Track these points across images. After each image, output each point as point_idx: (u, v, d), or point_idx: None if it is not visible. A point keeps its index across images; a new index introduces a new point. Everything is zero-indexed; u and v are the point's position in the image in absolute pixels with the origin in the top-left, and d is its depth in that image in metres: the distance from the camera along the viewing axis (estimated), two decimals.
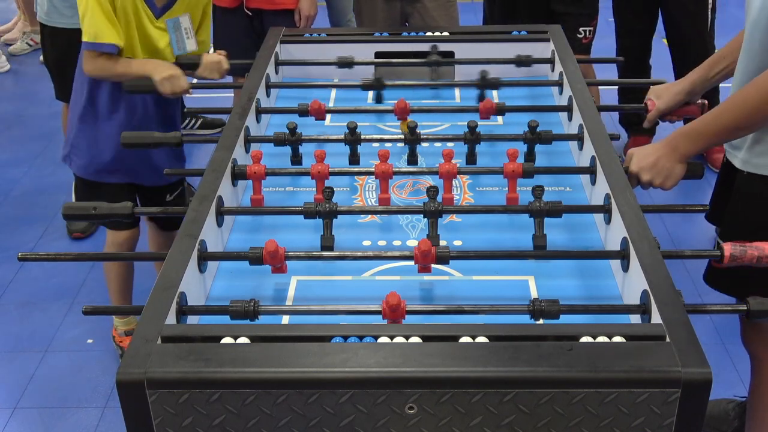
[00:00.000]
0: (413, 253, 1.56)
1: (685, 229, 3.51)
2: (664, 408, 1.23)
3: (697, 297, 3.03)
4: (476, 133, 2.01)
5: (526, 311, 1.45)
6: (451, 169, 1.85)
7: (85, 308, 1.61)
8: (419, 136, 2.02)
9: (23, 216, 3.78)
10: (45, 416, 2.65)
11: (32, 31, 5.63)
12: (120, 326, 2.89)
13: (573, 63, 2.35)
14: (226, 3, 3.42)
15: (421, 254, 1.54)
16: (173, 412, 1.25)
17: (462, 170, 1.91)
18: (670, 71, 3.99)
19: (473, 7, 4.15)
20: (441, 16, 3.45)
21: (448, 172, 1.85)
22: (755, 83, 1.74)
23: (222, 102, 4.38)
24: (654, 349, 1.26)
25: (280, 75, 2.54)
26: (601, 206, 1.74)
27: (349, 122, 2.02)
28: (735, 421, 2.47)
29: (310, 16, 3.42)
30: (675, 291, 1.41)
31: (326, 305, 1.53)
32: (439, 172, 1.86)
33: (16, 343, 2.98)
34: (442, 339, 1.30)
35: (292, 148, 2.05)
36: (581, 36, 3.47)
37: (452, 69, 2.55)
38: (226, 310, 1.46)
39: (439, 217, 1.72)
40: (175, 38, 2.50)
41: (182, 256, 1.51)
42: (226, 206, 1.77)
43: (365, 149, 2.07)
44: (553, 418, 1.25)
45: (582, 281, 1.64)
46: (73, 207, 1.80)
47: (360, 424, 1.26)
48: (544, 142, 2.02)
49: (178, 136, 2.08)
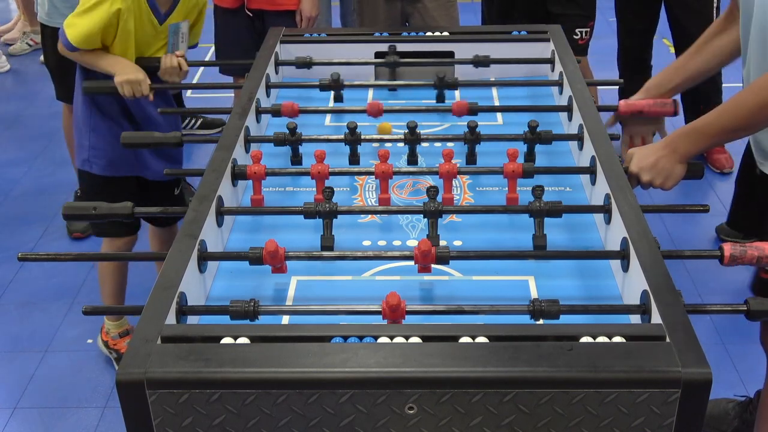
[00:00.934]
0: (413, 253, 1.56)
1: (685, 229, 3.51)
2: (664, 408, 1.23)
3: (697, 297, 3.04)
4: (476, 133, 2.01)
5: (526, 311, 1.45)
6: (451, 169, 1.85)
7: (85, 308, 1.61)
8: (419, 136, 2.02)
9: (23, 216, 3.78)
10: (45, 416, 2.65)
11: (32, 31, 5.63)
12: (113, 329, 2.88)
13: (573, 63, 2.35)
14: (228, 3, 3.42)
15: (421, 254, 1.54)
16: (173, 412, 1.25)
17: (462, 170, 1.91)
18: None
19: (473, 7, 4.15)
20: (441, 16, 3.46)
21: (448, 172, 1.85)
22: (754, 85, 1.74)
23: (222, 102, 4.39)
24: (654, 349, 1.26)
25: (280, 75, 2.54)
26: (601, 206, 1.74)
27: (349, 122, 2.02)
28: (735, 421, 2.47)
29: (311, 17, 3.42)
30: (675, 291, 1.41)
31: (326, 305, 1.53)
32: (439, 171, 1.86)
33: (16, 343, 2.98)
34: (442, 339, 1.30)
35: (292, 148, 2.05)
36: (577, 37, 3.47)
37: (452, 69, 2.55)
38: (226, 310, 1.46)
39: (439, 218, 1.72)
40: (172, 42, 2.55)
41: (182, 256, 1.51)
42: (226, 206, 1.77)
43: (364, 149, 2.07)
44: (553, 418, 1.25)
45: (582, 281, 1.64)
46: (74, 207, 1.80)
47: (360, 424, 1.26)
48: (544, 142, 2.02)
49: (178, 136, 2.08)
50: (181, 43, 2.57)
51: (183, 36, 2.57)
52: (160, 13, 2.49)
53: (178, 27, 2.55)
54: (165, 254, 1.53)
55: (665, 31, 3.98)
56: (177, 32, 2.54)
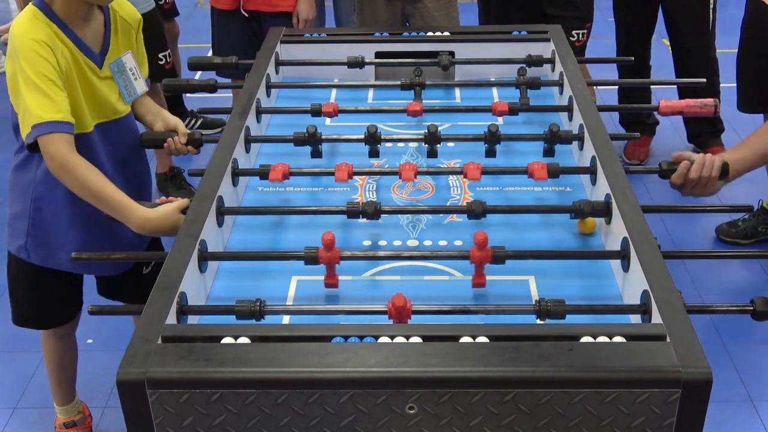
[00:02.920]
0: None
1: (685, 229, 3.51)
2: (664, 408, 1.23)
3: (697, 297, 3.04)
4: (496, 133, 2.00)
5: (532, 311, 1.45)
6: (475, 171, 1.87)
7: (90, 308, 1.61)
8: (440, 136, 2.01)
9: None
10: (45, 416, 2.65)
11: None
12: (61, 416, 2.54)
13: (573, 63, 2.35)
14: (224, 5, 3.43)
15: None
16: (173, 412, 1.25)
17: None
18: (671, 71, 3.99)
19: (473, 7, 4.15)
20: (442, 16, 3.46)
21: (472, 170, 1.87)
22: None
23: (222, 102, 4.38)
24: (654, 349, 1.26)
25: (280, 75, 2.54)
26: (603, 206, 1.74)
27: (370, 125, 2.01)
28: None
29: (308, 19, 3.42)
30: (675, 291, 1.41)
31: (331, 306, 1.54)
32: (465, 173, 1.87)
33: (16, 343, 2.97)
34: (443, 339, 1.30)
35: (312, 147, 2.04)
36: (574, 39, 3.48)
37: (453, 69, 2.56)
38: (231, 310, 1.46)
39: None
40: (123, 84, 2.08)
41: (182, 256, 1.52)
42: (226, 206, 1.77)
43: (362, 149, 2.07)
44: (553, 418, 1.25)
45: (582, 281, 1.64)
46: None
47: (360, 424, 1.26)
48: (564, 142, 2.02)
49: (198, 135, 2.07)
50: (135, 81, 2.11)
51: (133, 71, 2.11)
52: (95, 55, 2.00)
53: (121, 64, 2.07)
54: (165, 254, 1.53)
55: (665, 31, 3.98)
56: (123, 71, 2.08)
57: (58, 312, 2.31)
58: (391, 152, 2.11)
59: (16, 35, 1.89)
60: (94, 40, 2.01)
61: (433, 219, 1.85)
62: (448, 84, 2.52)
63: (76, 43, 1.96)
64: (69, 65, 1.94)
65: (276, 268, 1.67)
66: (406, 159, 2.09)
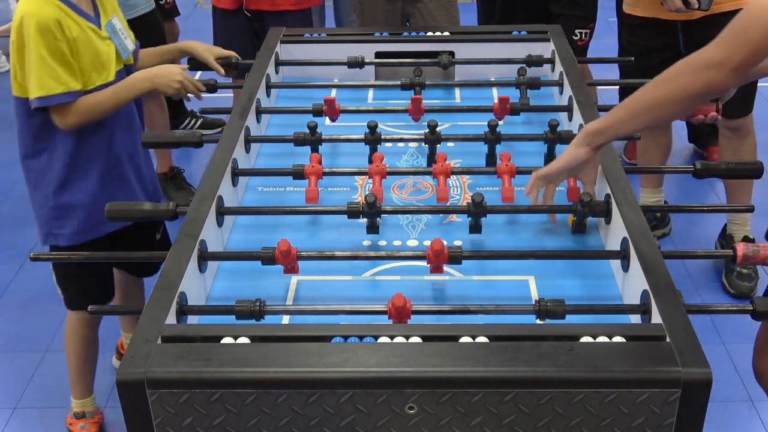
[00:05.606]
0: (425, 253, 1.56)
1: (685, 229, 3.51)
2: (664, 408, 1.23)
3: (697, 297, 3.04)
4: (497, 132, 2.00)
5: (532, 311, 1.45)
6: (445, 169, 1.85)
7: (91, 308, 1.61)
8: (439, 136, 2.02)
9: (23, 216, 3.76)
10: (45, 416, 2.65)
11: None
12: (76, 407, 2.58)
13: (573, 63, 2.35)
14: (226, 4, 3.42)
15: (433, 254, 1.54)
16: (173, 412, 1.25)
17: (455, 170, 1.91)
18: None
19: (473, 7, 4.15)
20: (442, 16, 3.46)
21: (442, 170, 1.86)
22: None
23: (222, 102, 4.38)
24: (654, 349, 1.26)
25: (280, 75, 2.54)
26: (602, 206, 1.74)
27: (369, 121, 2.02)
28: None
29: None
30: (675, 291, 1.41)
31: (331, 305, 1.54)
32: (434, 171, 1.86)
33: (16, 343, 2.98)
34: (442, 339, 1.30)
35: (311, 147, 2.04)
36: (576, 38, 3.47)
37: (453, 69, 2.56)
38: (231, 310, 1.46)
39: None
40: (118, 42, 2.23)
41: (182, 256, 1.52)
42: (226, 206, 1.77)
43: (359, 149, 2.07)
44: (553, 418, 1.25)
45: (582, 281, 1.64)
46: (117, 209, 1.77)
47: (360, 424, 1.26)
48: (564, 142, 2.02)
49: (198, 135, 2.08)
50: (126, 40, 2.27)
51: (122, 31, 2.26)
52: (92, 17, 2.16)
53: (113, 25, 2.22)
54: (165, 254, 1.53)
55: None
56: (115, 31, 2.22)
57: (100, 286, 2.43)
58: (392, 152, 2.11)
59: (25, 13, 2.03)
60: (87, 6, 2.17)
61: (433, 219, 1.85)
62: (448, 84, 2.52)
63: (77, 11, 2.11)
64: (78, 33, 2.10)
65: (276, 268, 1.67)
66: (406, 159, 2.09)
